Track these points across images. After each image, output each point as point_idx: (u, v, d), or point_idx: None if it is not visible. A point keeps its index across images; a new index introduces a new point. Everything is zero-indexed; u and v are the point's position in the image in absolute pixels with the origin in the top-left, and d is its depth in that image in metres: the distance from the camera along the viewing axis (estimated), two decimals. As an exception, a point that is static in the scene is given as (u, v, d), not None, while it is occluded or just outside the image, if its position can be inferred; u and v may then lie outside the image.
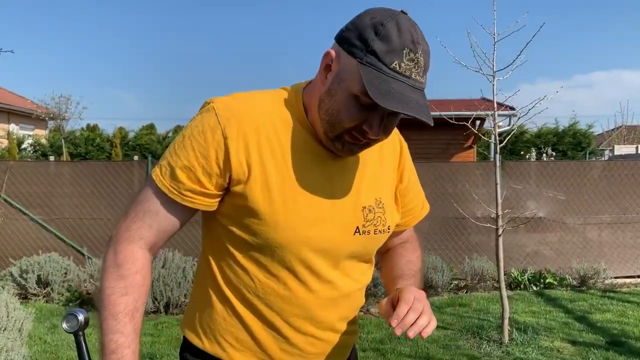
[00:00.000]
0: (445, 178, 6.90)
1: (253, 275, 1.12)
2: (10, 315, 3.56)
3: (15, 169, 6.80)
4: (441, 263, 6.16)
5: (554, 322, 5.10)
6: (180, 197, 1.08)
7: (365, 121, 1.03)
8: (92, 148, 16.45)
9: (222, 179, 1.07)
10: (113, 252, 1.10)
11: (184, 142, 1.08)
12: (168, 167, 1.08)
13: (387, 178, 1.24)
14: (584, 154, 15.61)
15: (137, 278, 1.08)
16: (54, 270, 5.70)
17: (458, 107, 7.46)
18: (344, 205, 1.14)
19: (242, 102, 1.11)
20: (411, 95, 1.00)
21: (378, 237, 1.20)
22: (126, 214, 1.12)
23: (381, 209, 1.20)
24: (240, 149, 1.06)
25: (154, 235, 1.10)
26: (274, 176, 1.07)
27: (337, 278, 1.15)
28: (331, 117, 1.06)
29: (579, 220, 7.02)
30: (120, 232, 1.10)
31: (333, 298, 1.16)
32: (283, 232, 1.08)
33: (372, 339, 4.60)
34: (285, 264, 1.11)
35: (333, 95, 1.05)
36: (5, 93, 20.18)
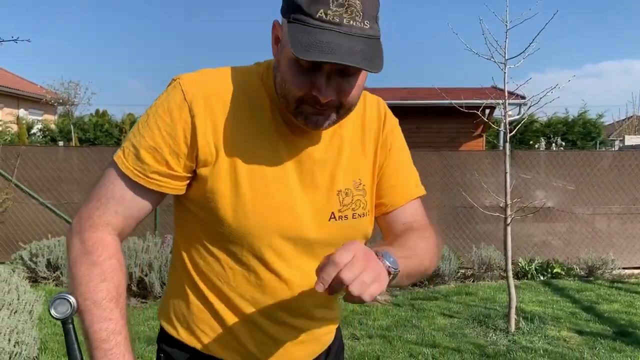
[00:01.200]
0: (454, 167, 6.88)
1: (224, 263, 1.06)
2: (21, 298, 3.60)
3: (25, 154, 6.84)
4: (448, 252, 6.16)
5: (561, 311, 5.10)
6: (145, 180, 1.00)
7: (313, 86, 0.94)
8: (100, 134, 16.53)
9: (189, 160, 1.00)
10: (79, 241, 1.01)
11: (148, 122, 1.01)
12: (132, 149, 1.00)
13: (369, 157, 1.15)
14: (594, 144, 15.50)
15: (113, 262, 1.00)
16: (63, 254, 5.75)
17: (468, 95, 7.41)
18: (318, 190, 1.07)
19: (210, 79, 1.03)
20: (342, 42, 0.88)
21: (358, 221, 1.11)
22: (88, 199, 1.03)
23: (361, 191, 1.11)
24: (208, 129, 0.99)
25: (120, 221, 1.02)
26: (242, 159, 1.01)
27: (311, 266, 0.99)
28: (282, 90, 0.99)
29: (588, 211, 6.98)
30: (83, 220, 1.02)
31: (307, 286, 1.08)
32: (252, 219, 1.01)
33: (378, 326, 4.61)
34: (255, 253, 1.04)
35: (278, 65, 0.99)
36: (15, 78, 20.25)
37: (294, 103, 0.98)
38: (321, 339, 1.20)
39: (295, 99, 0.97)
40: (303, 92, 0.95)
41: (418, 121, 10.63)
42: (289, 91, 0.97)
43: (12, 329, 3.13)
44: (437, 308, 5.18)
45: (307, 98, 0.96)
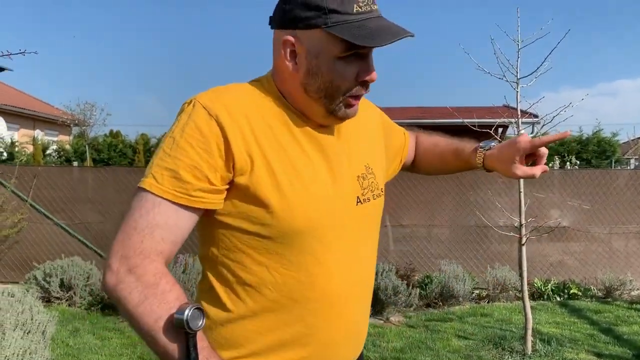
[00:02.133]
0: (467, 186, 6.83)
1: (272, 269, 1.05)
2: (34, 318, 3.60)
3: (41, 175, 6.92)
4: (462, 272, 6.08)
5: (579, 333, 5.00)
6: (188, 199, 0.99)
7: (359, 73, 1.06)
8: (114, 154, 16.68)
9: (227, 172, 1.01)
10: (134, 278, 0.94)
11: (177, 143, 1.00)
12: (166, 172, 0.99)
13: (369, 139, 1.25)
14: (609, 163, 15.35)
15: (180, 289, 0.97)
16: (76, 274, 5.76)
17: (481, 114, 7.40)
18: (343, 177, 1.13)
19: (225, 94, 1.07)
20: (385, 23, 1.04)
21: (377, 202, 1.20)
22: (126, 235, 0.97)
23: (371, 174, 1.20)
24: (238, 138, 1.01)
25: (168, 248, 0.99)
26: (275, 160, 1.04)
27: (353, 256, 1.13)
28: (327, 91, 1.06)
29: (605, 230, 6.89)
30: (129, 257, 0.95)
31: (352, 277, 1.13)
32: (298, 217, 1.04)
33: (392, 348, 4.55)
34: (304, 250, 1.06)
35: (317, 72, 1.05)
36: (31, 99, 20.60)
37: (340, 97, 1.07)
38: (364, 336, 1.24)
39: (344, 93, 1.06)
40: (350, 82, 1.06)
41: (430, 140, 10.55)
42: (337, 88, 1.06)
43: (25, 350, 3.12)
44: (451, 329, 5.10)
45: (354, 87, 1.07)
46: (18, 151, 13.41)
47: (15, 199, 6.77)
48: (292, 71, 1.07)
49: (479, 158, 1.34)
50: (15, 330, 3.25)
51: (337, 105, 1.08)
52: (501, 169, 1.30)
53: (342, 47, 1.02)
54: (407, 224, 6.79)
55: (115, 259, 0.96)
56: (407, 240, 6.83)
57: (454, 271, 6.03)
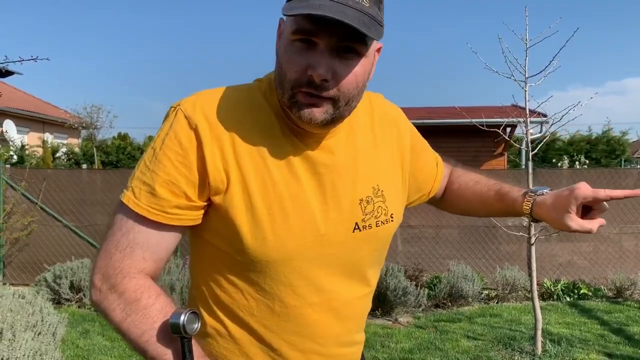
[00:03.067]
0: (475, 186, 6.80)
1: (246, 293, 1.00)
2: (45, 320, 3.63)
3: (50, 177, 6.97)
4: (472, 272, 6.06)
5: (589, 334, 4.96)
6: (164, 217, 0.94)
7: (308, 65, 0.90)
8: (123, 156, 16.77)
9: (204, 188, 0.95)
10: (117, 295, 0.93)
11: (156, 156, 0.95)
12: (143, 187, 0.95)
13: (385, 160, 1.11)
14: (619, 162, 15.25)
15: (164, 299, 0.94)
16: (86, 276, 5.80)
17: (489, 113, 7.37)
18: (339, 203, 1.01)
19: (210, 101, 0.98)
20: (333, 5, 0.86)
21: (381, 229, 1.07)
22: (107, 253, 0.95)
23: (380, 197, 1.07)
24: (216, 155, 0.94)
25: (150, 266, 0.96)
26: (255, 183, 0.96)
27: (338, 286, 1.03)
28: (279, 77, 0.95)
29: (615, 230, 6.84)
30: (110, 275, 0.94)
31: (335, 309, 1.04)
32: (272, 245, 0.96)
33: (401, 349, 4.54)
34: (279, 280, 0.99)
35: (278, 52, 0.97)
36: (40, 103, 20.75)
37: (289, 91, 0.93)
38: None
39: (291, 83, 0.92)
40: (298, 74, 0.91)
41: (439, 140, 10.48)
42: (284, 76, 0.93)
43: (35, 351, 3.14)
44: (461, 330, 5.08)
45: (302, 81, 0.91)
46: (28, 154, 13.51)
47: (25, 202, 6.83)
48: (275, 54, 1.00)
49: (526, 203, 1.15)
50: (26, 332, 3.28)
51: (289, 100, 0.94)
52: (551, 218, 1.11)
53: (291, 25, 0.91)
54: (415, 225, 6.77)
55: (98, 276, 0.95)
56: (415, 240, 6.82)
57: (463, 271, 6.01)
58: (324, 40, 0.89)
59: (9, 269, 6.87)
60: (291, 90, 0.93)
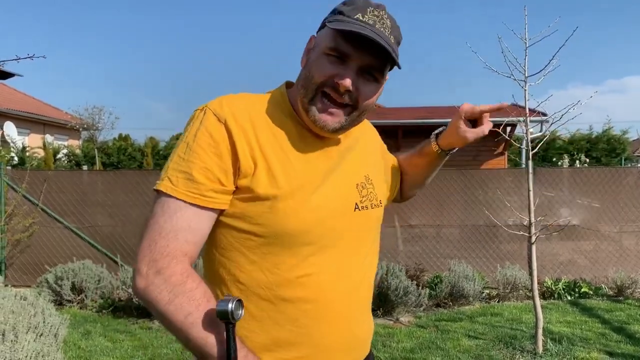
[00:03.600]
0: (476, 185, 6.81)
1: (266, 270, 1.08)
2: (47, 321, 3.63)
3: (51, 179, 6.98)
4: (472, 272, 6.07)
5: (590, 332, 4.97)
6: (202, 199, 1.05)
7: (336, 74, 1.08)
8: (124, 157, 16.77)
9: (235, 175, 1.07)
10: (162, 280, 0.99)
11: (190, 147, 1.07)
12: (181, 174, 1.05)
13: (370, 157, 1.31)
14: (619, 160, 15.24)
15: (205, 285, 1.02)
16: (87, 277, 5.81)
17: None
18: (342, 184, 1.17)
19: (234, 100, 1.13)
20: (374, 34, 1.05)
21: (374, 211, 1.23)
22: (151, 240, 1.02)
23: (371, 184, 1.24)
24: (244, 143, 1.07)
25: (193, 250, 1.04)
26: (277, 165, 1.09)
27: (348, 263, 1.16)
28: (305, 81, 1.12)
29: (615, 228, 6.84)
30: (156, 260, 1.00)
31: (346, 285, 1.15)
32: (293, 219, 1.07)
33: (402, 348, 4.55)
34: (297, 252, 1.08)
35: (309, 62, 1.13)
36: (41, 104, 20.75)
37: (312, 92, 1.10)
38: (365, 343, 1.26)
39: (316, 85, 1.09)
40: (325, 77, 1.08)
41: (438, 140, 10.53)
42: (312, 78, 1.10)
43: (37, 352, 3.15)
44: (462, 329, 5.09)
45: (327, 86, 1.09)
46: (29, 156, 13.52)
47: (26, 204, 6.84)
48: (302, 66, 1.16)
49: (433, 142, 1.38)
50: (27, 333, 3.28)
51: (310, 100, 1.10)
52: (454, 140, 1.35)
53: (330, 41, 1.09)
54: (416, 224, 6.78)
55: (143, 263, 1.01)
56: (416, 240, 6.82)
57: (464, 271, 6.01)
58: (356, 60, 1.08)
59: (10, 270, 6.88)
60: (314, 91, 1.10)
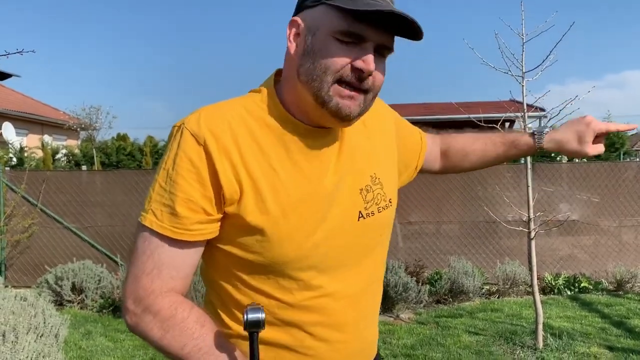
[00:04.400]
0: (475, 181, 6.81)
1: (266, 293, 1.04)
2: (47, 322, 3.63)
3: (50, 179, 6.97)
4: (472, 267, 6.07)
5: (590, 327, 4.98)
6: (188, 234, 0.99)
7: (354, 60, 0.96)
8: (123, 157, 16.77)
9: (219, 202, 0.99)
10: (152, 315, 0.97)
11: (170, 177, 0.99)
12: (164, 208, 0.98)
13: (378, 149, 1.18)
14: (618, 155, 15.25)
15: (198, 310, 0.99)
16: (87, 278, 5.81)
17: (487, 109, 7.38)
18: (342, 194, 1.07)
19: (212, 115, 1.01)
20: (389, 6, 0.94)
21: (383, 215, 1.14)
22: (134, 278, 1.00)
23: (378, 184, 1.14)
24: (226, 166, 0.98)
25: (179, 284, 1.01)
26: (266, 188, 1.00)
27: (353, 275, 1.09)
28: (316, 72, 0.98)
29: (615, 223, 6.85)
30: (142, 298, 0.98)
31: (352, 296, 1.09)
32: (289, 246, 1.01)
33: (402, 345, 4.55)
34: (297, 277, 1.03)
35: (311, 50, 0.99)
36: (39, 105, 20.73)
37: (329, 83, 0.97)
38: (367, 352, 1.22)
39: (334, 76, 0.97)
40: (344, 65, 0.96)
41: (437, 136, 10.56)
42: (325, 69, 0.97)
43: (38, 353, 3.15)
44: (462, 325, 5.10)
45: (346, 75, 0.97)
46: (27, 156, 13.50)
47: (25, 204, 6.83)
48: (293, 54, 1.02)
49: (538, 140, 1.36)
50: (28, 334, 3.29)
51: (327, 92, 0.97)
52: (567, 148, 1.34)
53: (338, 24, 0.95)
54: (415, 221, 6.78)
55: (130, 301, 1.00)
56: (415, 237, 6.83)
57: (464, 267, 6.02)
58: (373, 40, 0.97)
59: (10, 271, 6.87)
60: (332, 82, 0.97)
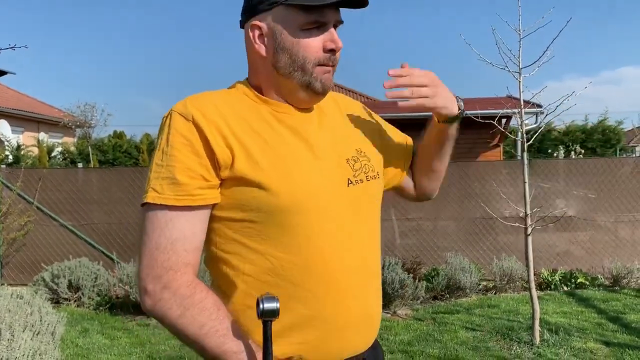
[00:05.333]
0: (472, 177, 6.82)
1: (268, 255, 1.07)
2: (44, 320, 3.62)
3: (46, 177, 6.95)
4: (469, 264, 6.08)
5: (587, 322, 4.99)
6: (191, 199, 1.03)
7: (325, 43, 1.11)
8: (119, 154, 16.72)
9: (215, 169, 1.06)
10: (170, 294, 1.00)
11: (166, 153, 1.05)
12: (164, 181, 1.04)
13: (359, 134, 1.27)
14: (614, 151, 15.28)
15: (214, 295, 1.03)
16: (84, 275, 5.80)
17: (484, 105, 7.37)
18: (328, 160, 1.14)
19: (197, 98, 1.12)
20: None
21: (373, 183, 1.20)
22: (149, 256, 1.03)
23: (365, 157, 1.21)
24: (216, 135, 1.06)
25: (193, 257, 1.04)
26: (255, 148, 1.07)
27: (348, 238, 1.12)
28: (297, 63, 1.11)
29: (611, 219, 6.87)
30: (160, 276, 1.01)
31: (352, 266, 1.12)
32: (283, 196, 1.05)
33: (399, 341, 4.56)
34: (296, 231, 1.07)
35: (283, 47, 1.11)
36: (34, 102, 20.64)
37: (311, 69, 1.11)
38: (376, 322, 1.24)
39: (315, 62, 1.11)
40: (320, 51, 1.11)
41: (434, 133, 10.55)
42: (306, 58, 1.11)
43: (34, 351, 3.15)
44: (459, 321, 5.11)
45: (323, 58, 1.12)
46: (24, 154, 13.46)
47: (21, 202, 6.81)
48: (263, 54, 1.13)
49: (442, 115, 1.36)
50: (24, 332, 3.28)
51: (312, 77, 1.12)
52: None
53: (301, 18, 1.09)
54: (412, 217, 6.79)
55: (147, 281, 1.02)
56: (413, 233, 6.84)
57: (460, 263, 6.03)
58: (332, 20, 1.11)
59: (6, 269, 6.86)
60: (314, 67, 1.11)
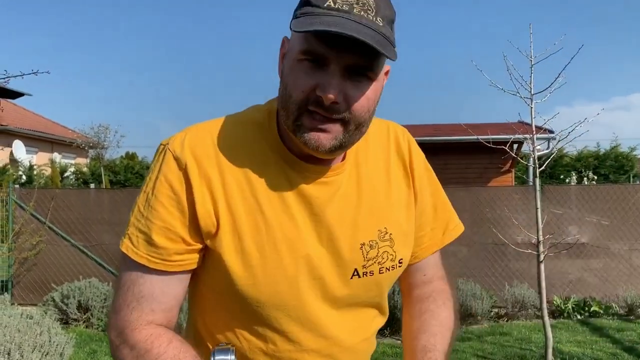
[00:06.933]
0: (484, 203, 6.78)
1: (240, 336, 0.98)
2: (52, 340, 3.62)
3: (59, 197, 7.01)
4: (480, 290, 6.01)
5: (601, 352, 4.89)
6: (165, 265, 0.92)
7: (316, 85, 0.85)
8: (131, 175, 16.87)
9: (198, 230, 0.92)
10: (129, 349, 0.91)
11: (149, 202, 0.92)
12: (140, 235, 0.92)
13: (397, 201, 1.02)
14: (627, 177, 15.16)
15: (176, 343, 0.91)
16: (93, 296, 5.80)
17: (495, 130, 7.38)
18: (338, 246, 0.96)
19: (200, 138, 0.94)
20: (351, 24, 0.81)
21: (384, 276, 1.00)
22: (116, 309, 0.94)
23: (387, 241, 0.99)
24: (206, 196, 0.91)
25: (160, 317, 0.94)
26: (246, 224, 0.92)
27: (335, 332, 0.99)
28: (283, 99, 0.90)
29: (625, 246, 6.77)
30: (122, 330, 0.93)
31: (334, 354, 1.00)
32: (263, 289, 0.93)
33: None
34: (270, 323, 0.96)
35: (283, 74, 0.91)
36: (49, 123, 20.96)
37: (294, 112, 0.88)
38: None
39: (297, 104, 0.87)
40: (304, 93, 0.86)
41: (445, 158, 10.58)
42: (289, 97, 0.88)
43: (42, 372, 3.14)
44: (470, 349, 5.02)
45: (310, 102, 0.86)
46: (37, 174, 13.61)
47: (34, 222, 6.86)
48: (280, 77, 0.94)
49: None
50: (33, 352, 3.27)
51: (293, 122, 0.89)
52: None
53: (300, 43, 0.86)
54: (423, 242, 6.72)
55: (112, 332, 0.95)
56: (423, 258, 6.76)
57: (472, 289, 5.96)
58: (336, 60, 0.84)
59: (17, 288, 6.87)
60: (297, 111, 0.87)
